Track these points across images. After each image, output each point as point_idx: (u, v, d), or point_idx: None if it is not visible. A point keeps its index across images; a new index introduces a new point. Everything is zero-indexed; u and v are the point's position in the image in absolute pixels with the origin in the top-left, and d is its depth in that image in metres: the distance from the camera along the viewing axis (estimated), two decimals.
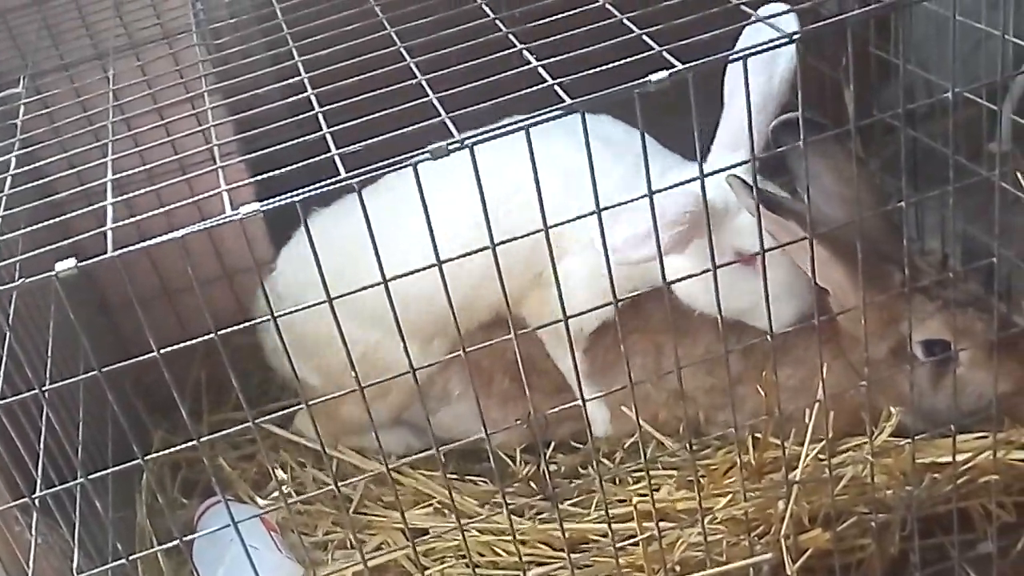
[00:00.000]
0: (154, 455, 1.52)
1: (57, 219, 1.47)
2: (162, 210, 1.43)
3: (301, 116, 1.55)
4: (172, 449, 1.52)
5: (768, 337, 1.63)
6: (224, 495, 2.24)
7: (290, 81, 1.69)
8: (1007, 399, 1.92)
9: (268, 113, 1.64)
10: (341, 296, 1.40)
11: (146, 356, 1.36)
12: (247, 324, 1.41)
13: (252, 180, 1.49)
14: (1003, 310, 2.18)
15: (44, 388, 1.39)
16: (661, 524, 1.78)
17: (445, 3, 1.87)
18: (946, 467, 1.89)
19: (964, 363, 1.96)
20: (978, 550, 2.01)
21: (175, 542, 1.55)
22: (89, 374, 1.34)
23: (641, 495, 2.05)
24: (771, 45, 1.43)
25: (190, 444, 1.46)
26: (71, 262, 1.26)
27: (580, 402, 1.66)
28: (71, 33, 2.33)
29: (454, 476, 2.31)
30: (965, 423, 1.92)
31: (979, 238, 2.21)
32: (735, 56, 1.43)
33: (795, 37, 1.46)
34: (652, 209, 1.46)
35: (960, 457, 1.87)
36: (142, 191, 1.52)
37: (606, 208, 1.44)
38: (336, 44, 1.76)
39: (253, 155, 1.53)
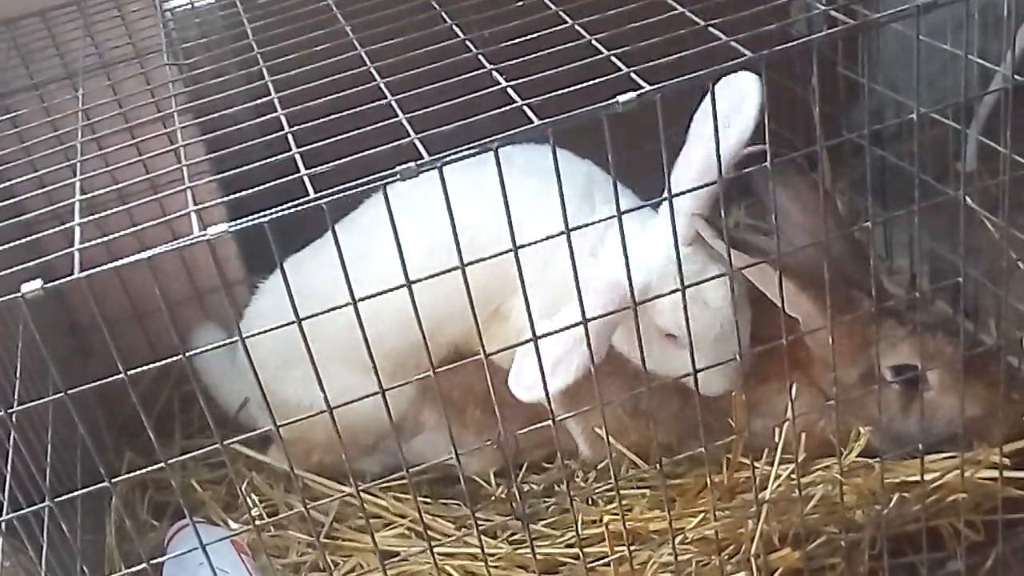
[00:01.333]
0: (122, 478, 1.50)
1: (26, 239, 1.45)
2: (132, 230, 1.42)
3: (272, 136, 1.55)
4: (140, 472, 1.51)
5: (737, 356, 1.65)
6: (194, 518, 2.23)
7: (261, 101, 1.69)
8: (976, 422, 1.93)
9: (240, 133, 1.64)
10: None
11: (113, 377, 1.35)
12: (218, 345, 1.40)
13: (222, 200, 1.48)
14: (970, 329, 2.20)
15: (11, 410, 1.38)
16: (633, 545, 1.78)
17: (416, 24, 1.87)
18: (915, 486, 1.89)
19: (934, 387, 1.98)
20: (947, 568, 2.02)
21: (143, 566, 1.53)
22: (56, 396, 1.33)
23: (613, 515, 2.04)
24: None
25: (158, 466, 1.45)
26: (37, 283, 1.25)
27: (551, 422, 1.65)
28: (41, 53, 2.32)
29: (427, 500, 2.30)
30: (935, 445, 1.94)
31: (947, 257, 2.23)
32: (700, 76, 1.43)
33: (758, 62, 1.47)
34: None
35: (929, 476, 1.88)
36: (112, 211, 1.50)
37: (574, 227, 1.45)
38: (308, 64, 1.76)
39: (224, 175, 1.53)
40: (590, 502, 2.19)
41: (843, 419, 1.92)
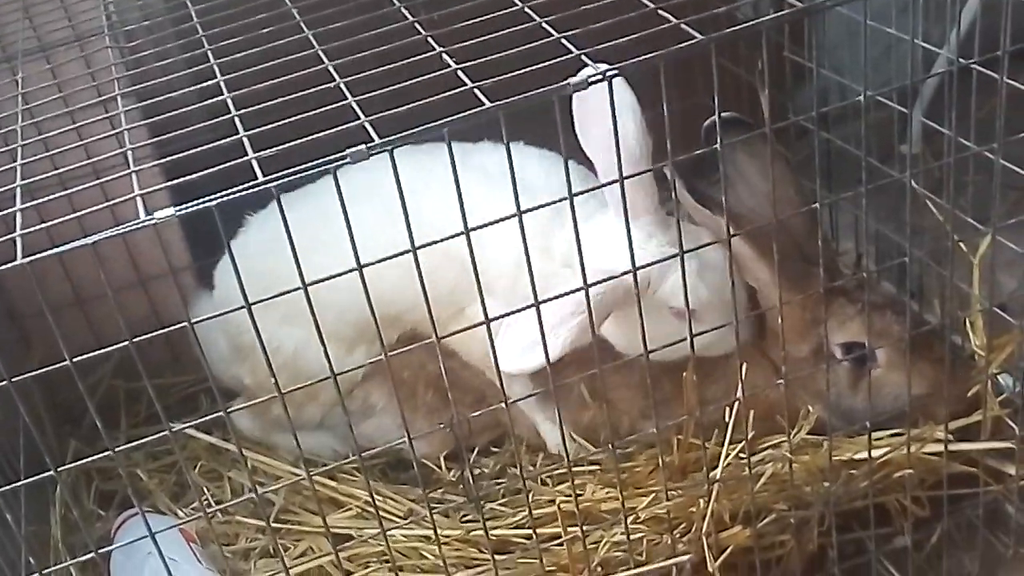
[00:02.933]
0: (67, 466, 1.47)
1: None
2: (74, 215, 1.39)
3: (217, 120, 1.53)
4: (84, 460, 1.48)
5: (688, 338, 1.65)
6: (141, 507, 2.20)
7: (206, 84, 1.66)
8: (923, 399, 1.96)
9: (184, 116, 1.61)
10: (261, 301, 1.38)
11: (58, 365, 1.32)
12: (161, 331, 1.37)
13: (167, 184, 1.46)
14: (915, 309, 2.23)
15: None
16: (585, 524, 1.79)
17: (364, 6, 1.85)
18: (862, 463, 1.92)
19: (881, 365, 2.00)
20: (894, 544, 2.06)
21: (90, 555, 1.51)
22: None
23: (565, 496, 2.05)
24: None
25: (104, 454, 1.43)
26: None
27: (503, 404, 1.65)
28: None
29: (380, 484, 2.29)
30: (882, 422, 1.96)
31: (892, 238, 2.26)
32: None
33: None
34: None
35: (876, 453, 1.90)
36: (53, 196, 1.47)
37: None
38: (253, 47, 1.74)
39: (168, 159, 1.50)
40: (541, 482, 2.19)
41: (793, 392, 1.95)
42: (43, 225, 1.35)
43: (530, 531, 1.91)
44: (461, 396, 2.24)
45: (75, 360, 1.33)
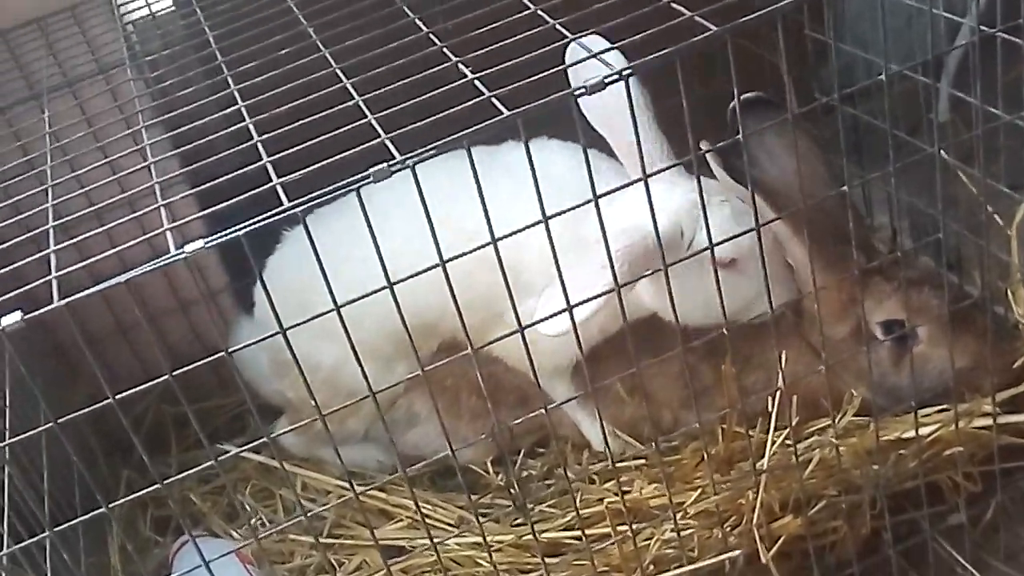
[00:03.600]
0: (118, 502, 1.48)
1: (6, 268, 1.45)
2: (111, 252, 1.42)
3: (244, 145, 1.54)
4: (135, 495, 1.50)
5: (724, 331, 1.64)
6: (197, 531, 2.23)
7: (230, 110, 1.68)
8: (968, 373, 1.94)
9: (212, 144, 1.63)
10: (296, 325, 1.40)
11: (101, 404, 1.34)
12: (200, 363, 1.39)
13: (197, 216, 1.47)
14: (955, 282, 2.20)
15: (2, 443, 1.37)
16: (634, 522, 1.78)
17: (378, 21, 1.86)
18: (910, 443, 1.90)
19: (923, 340, 1.98)
20: (949, 521, 2.03)
21: None
22: (45, 426, 1.32)
23: (613, 494, 2.05)
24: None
25: (153, 488, 1.44)
26: (17, 315, 1.25)
27: (544, 410, 1.65)
28: (4, 76, 2.30)
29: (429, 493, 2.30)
30: (928, 399, 1.94)
31: (926, 211, 2.23)
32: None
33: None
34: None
35: (923, 431, 1.88)
36: (90, 233, 1.50)
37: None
38: (273, 69, 1.75)
39: (199, 188, 1.52)
40: (588, 481, 2.19)
41: (835, 375, 1.93)
42: (79, 265, 1.36)
43: (580, 532, 1.91)
44: (504, 397, 2.24)
45: (118, 397, 1.34)
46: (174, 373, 1.35)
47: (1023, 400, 1.96)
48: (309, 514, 1.56)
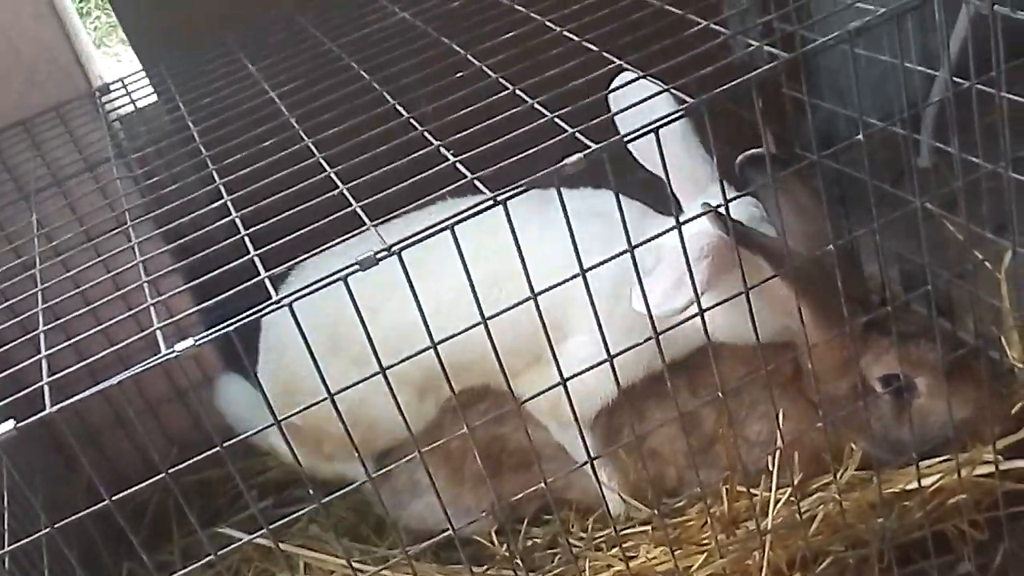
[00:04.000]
0: None
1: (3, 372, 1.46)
2: (109, 351, 1.44)
3: (235, 239, 1.56)
4: None
5: (719, 394, 1.65)
6: None
7: (218, 203, 1.70)
8: (970, 422, 1.94)
9: (202, 237, 1.65)
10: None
11: (98, 506, 1.34)
12: (200, 457, 1.40)
13: (191, 312, 1.48)
14: (949, 330, 2.21)
15: (2, 552, 1.37)
16: None
17: (360, 107, 1.88)
18: (914, 494, 1.90)
19: (923, 393, 1.98)
20: (958, 571, 2.02)
21: None
22: (44, 531, 1.33)
23: (620, 560, 2.04)
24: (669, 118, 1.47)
25: None
26: (9, 424, 1.26)
27: (543, 483, 1.65)
28: None
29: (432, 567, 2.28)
30: (932, 450, 1.95)
31: (914, 259, 2.24)
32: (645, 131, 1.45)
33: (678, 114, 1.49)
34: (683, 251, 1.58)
35: (926, 482, 1.88)
36: (87, 332, 1.51)
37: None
38: (259, 160, 1.77)
39: (193, 284, 1.54)
40: (596, 548, 2.17)
41: (837, 433, 1.93)
42: (74, 368, 1.38)
43: None
44: (507, 460, 2.23)
45: (115, 498, 1.34)
46: (170, 471, 1.36)
47: None
48: None
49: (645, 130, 1.42)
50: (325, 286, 1.34)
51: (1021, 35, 1.68)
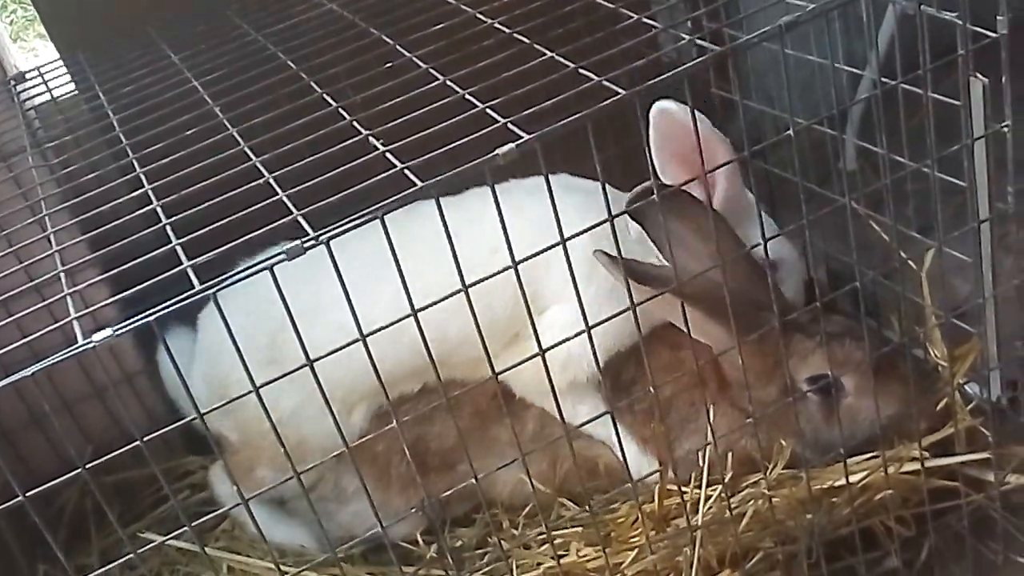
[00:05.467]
0: None
1: None
2: (22, 342, 1.40)
3: (155, 228, 1.51)
4: None
5: (651, 389, 1.65)
6: None
7: (137, 192, 1.65)
8: (897, 419, 1.96)
9: (121, 227, 1.60)
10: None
11: (12, 502, 1.29)
12: (117, 453, 1.35)
13: (109, 301, 1.43)
14: (875, 328, 2.23)
15: None
16: None
17: (286, 97, 1.85)
18: (842, 491, 1.91)
19: (851, 392, 1.99)
20: (884, 566, 2.04)
21: None
22: None
23: (551, 558, 2.02)
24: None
25: None
26: None
27: (474, 479, 1.63)
28: None
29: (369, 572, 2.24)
30: (862, 447, 1.96)
31: (841, 259, 2.26)
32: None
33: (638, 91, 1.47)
34: None
35: (854, 478, 1.89)
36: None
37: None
38: (180, 150, 1.73)
39: (110, 273, 1.49)
40: (524, 547, 2.16)
41: (769, 436, 1.93)
42: None
43: None
44: (431, 461, 2.21)
45: (29, 494, 1.29)
46: (88, 466, 1.31)
47: (950, 442, 1.98)
48: None
49: (577, 116, 1.40)
50: (252, 275, 1.30)
51: (946, 36, 1.70)
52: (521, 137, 1.39)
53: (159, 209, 1.53)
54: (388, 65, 1.83)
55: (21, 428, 2.46)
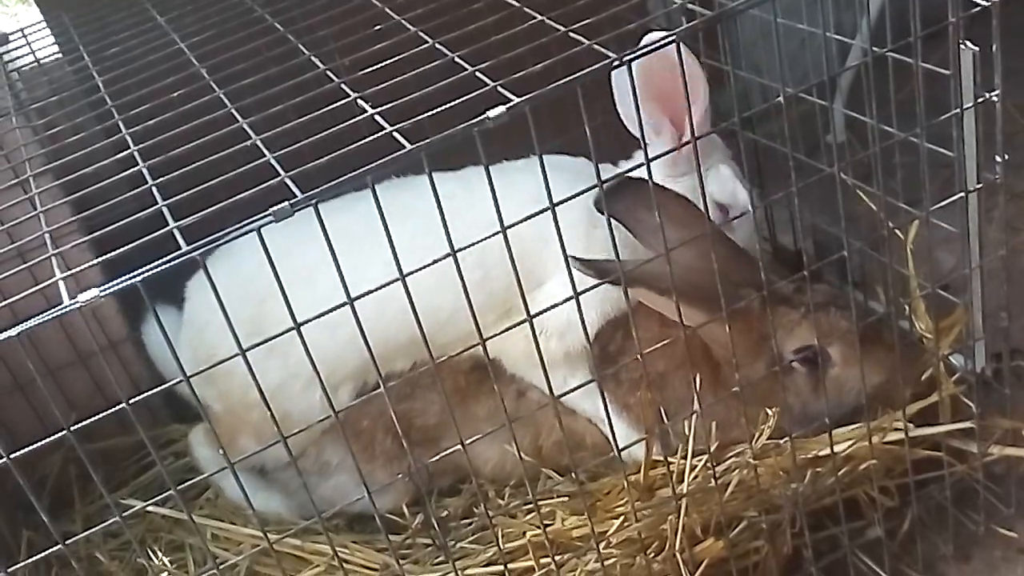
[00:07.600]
0: (17, 566, 1.42)
1: None
2: (3, 303, 1.37)
3: (140, 189, 1.50)
4: (35, 557, 1.43)
5: (639, 356, 1.64)
6: None
7: (123, 155, 1.63)
8: (883, 388, 1.96)
9: (105, 190, 1.58)
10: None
11: None
12: (102, 414, 1.34)
13: (93, 264, 1.42)
14: (860, 299, 2.23)
15: None
16: (558, 554, 1.76)
17: (274, 59, 1.83)
18: (826, 460, 1.91)
19: (837, 362, 1.98)
20: (867, 536, 2.06)
21: None
22: None
23: (536, 527, 2.02)
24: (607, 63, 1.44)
25: (55, 548, 1.38)
26: None
27: (460, 446, 1.62)
28: None
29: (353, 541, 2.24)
30: (849, 417, 1.97)
31: (828, 230, 2.26)
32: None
33: (627, 59, 1.46)
34: None
35: (838, 448, 1.89)
36: None
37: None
38: (166, 112, 1.71)
39: (94, 236, 1.47)
40: (510, 516, 2.16)
41: (758, 411, 1.93)
42: None
43: (503, 568, 1.88)
44: (415, 436, 2.20)
45: (13, 456, 1.28)
46: (73, 428, 1.30)
47: (934, 413, 1.99)
48: (221, 566, 1.50)
49: (568, 79, 1.39)
50: (238, 236, 1.28)
51: (937, 6, 1.69)
52: (511, 100, 1.38)
53: (145, 171, 1.51)
54: (377, 28, 1.81)
55: (6, 394, 2.44)
